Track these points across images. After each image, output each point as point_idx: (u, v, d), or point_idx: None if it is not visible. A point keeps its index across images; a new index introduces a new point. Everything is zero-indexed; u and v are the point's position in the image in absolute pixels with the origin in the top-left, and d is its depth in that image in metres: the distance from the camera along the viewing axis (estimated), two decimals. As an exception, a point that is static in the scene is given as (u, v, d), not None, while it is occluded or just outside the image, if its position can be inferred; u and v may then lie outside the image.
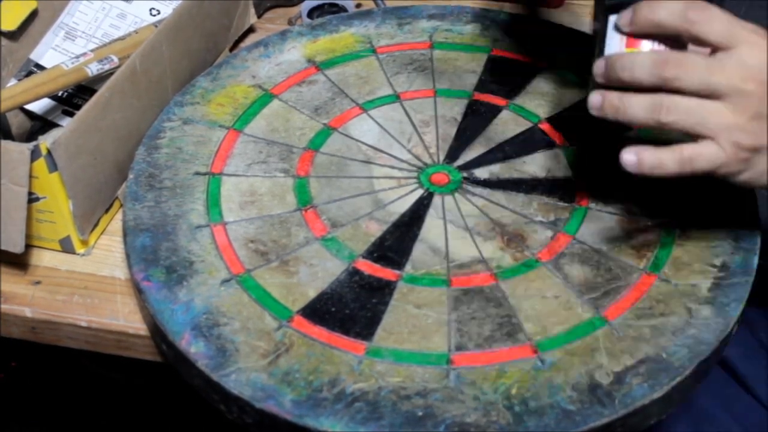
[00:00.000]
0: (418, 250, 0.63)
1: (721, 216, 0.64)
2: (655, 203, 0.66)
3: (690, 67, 0.50)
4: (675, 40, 0.53)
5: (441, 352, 0.56)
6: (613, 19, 0.54)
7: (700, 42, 0.51)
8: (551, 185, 0.68)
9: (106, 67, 0.71)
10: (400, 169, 0.70)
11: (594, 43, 0.56)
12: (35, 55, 0.78)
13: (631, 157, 0.52)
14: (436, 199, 0.67)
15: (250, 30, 0.89)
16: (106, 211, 0.69)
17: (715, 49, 0.51)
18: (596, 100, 0.54)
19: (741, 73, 0.50)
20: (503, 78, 0.78)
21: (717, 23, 0.50)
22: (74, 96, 0.77)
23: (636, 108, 0.52)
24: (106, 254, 0.68)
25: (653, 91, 0.51)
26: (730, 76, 0.50)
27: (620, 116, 0.52)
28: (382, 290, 0.60)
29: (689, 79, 0.50)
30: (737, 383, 0.74)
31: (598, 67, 0.53)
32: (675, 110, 0.51)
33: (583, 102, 0.56)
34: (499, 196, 0.67)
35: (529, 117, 0.74)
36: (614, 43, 0.54)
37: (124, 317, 0.63)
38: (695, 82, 0.50)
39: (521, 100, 0.76)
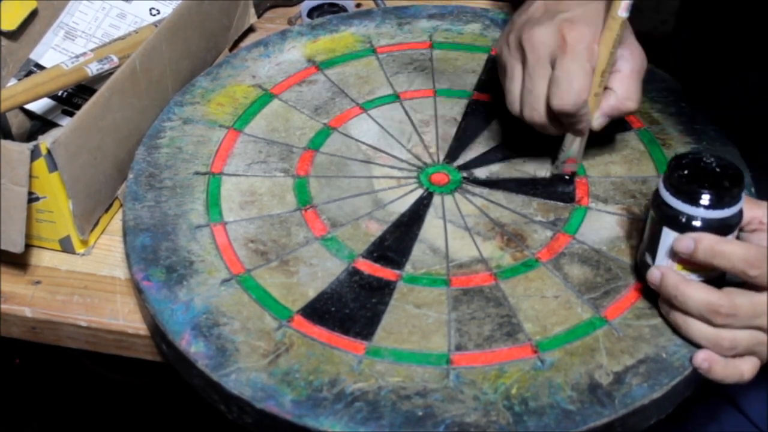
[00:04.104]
0: (418, 250, 0.63)
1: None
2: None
3: (738, 318, 0.53)
4: None
5: (441, 352, 0.56)
6: (670, 235, 0.55)
7: (752, 286, 0.54)
8: (551, 185, 0.68)
9: (106, 66, 0.71)
10: (400, 168, 0.70)
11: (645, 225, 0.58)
12: (35, 55, 0.78)
13: (704, 364, 0.55)
14: (436, 199, 0.67)
15: (250, 30, 0.89)
16: (106, 210, 0.69)
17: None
18: (664, 309, 0.57)
19: None
20: (503, 78, 0.78)
21: None
22: (74, 96, 0.77)
23: (694, 334, 0.55)
24: (106, 254, 0.68)
25: None
26: None
27: (680, 331, 0.56)
28: (382, 290, 0.60)
29: (737, 323, 0.53)
30: (725, 400, 0.74)
31: (653, 276, 0.56)
32: (730, 348, 0.54)
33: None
34: (498, 195, 0.67)
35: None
36: (664, 254, 0.56)
37: (123, 317, 0.63)
38: (742, 324, 0.54)
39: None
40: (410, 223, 0.65)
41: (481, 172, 0.70)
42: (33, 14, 0.77)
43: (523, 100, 0.63)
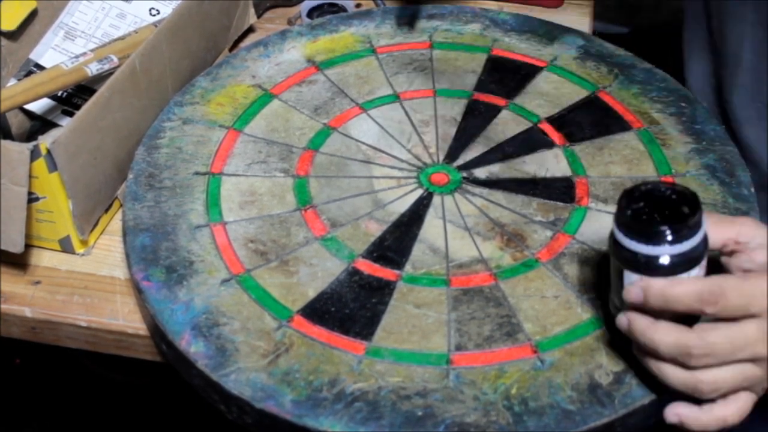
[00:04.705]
0: (418, 250, 0.63)
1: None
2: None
3: (716, 353, 0.48)
4: None
5: (441, 352, 0.56)
6: (631, 277, 0.50)
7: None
8: (551, 185, 0.68)
9: (106, 67, 0.71)
10: (400, 169, 0.70)
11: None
12: (35, 55, 0.78)
13: (674, 419, 0.51)
14: (436, 199, 0.67)
15: (250, 30, 0.89)
16: (106, 210, 0.69)
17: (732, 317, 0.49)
18: (636, 352, 0.52)
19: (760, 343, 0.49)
20: (503, 78, 0.78)
21: (732, 304, 0.48)
22: (74, 96, 0.77)
23: (671, 380, 0.50)
24: (106, 254, 0.68)
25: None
26: (754, 344, 0.49)
27: (656, 377, 0.51)
28: (382, 290, 0.60)
29: (715, 362, 0.49)
30: None
31: (621, 322, 0.51)
32: (712, 390, 0.49)
33: (583, 102, 0.56)
34: (498, 196, 0.67)
35: (529, 117, 0.74)
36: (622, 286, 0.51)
37: (123, 317, 0.63)
38: (721, 361, 0.49)
39: (521, 100, 0.76)
40: (410, 223, 0.65)
41: (481, 172, 0.70)
42: (33, 14, 0.77)
43: None
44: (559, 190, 0.68)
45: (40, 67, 0.77)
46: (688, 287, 0.48)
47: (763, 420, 0.67)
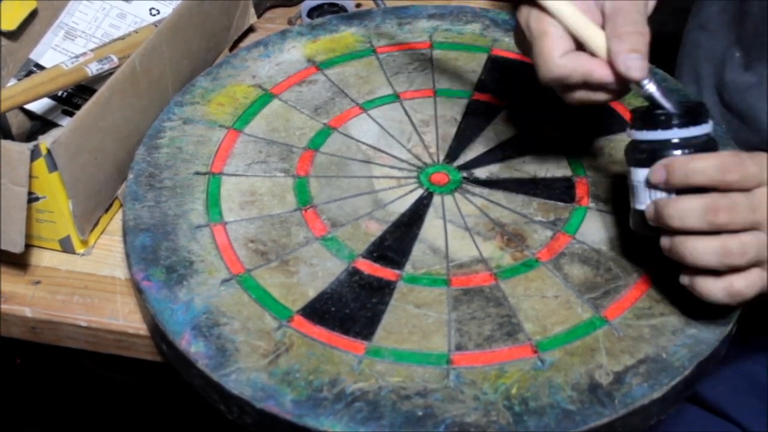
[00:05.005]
0: (418, 250, 0.63)
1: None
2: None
3: (738, 212, 0.51)
4: None
5: (441, 352, 0.56)
6: (642, 173, 0.54)
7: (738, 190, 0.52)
8: (551, 185, 0.68)
9: (106, 66, 0.71)
10: (400, 168, 0.70)
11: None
12: (35, 55, 0.78)
13: (686, 281, 0.54)
14: (436, 199, 0.67)
15: (250, 30, 0.89)
16: (106, 210, 0.69)
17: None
18: (665, 243, 0.54)
19: None
20: (503, 78, 0.78)
21: (751, 171, 0.52)
22: (74, 96, 0.77)
23: (703, 254, 0.52)
24: (106, 254, 0.68)
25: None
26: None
27: (688, 261, 0.53)
28: (382, 290, 0.60)
29: (738, 221, 0.52)
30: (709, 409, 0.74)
31: (649, 211, 0.54)
32: (741, 253, 0.52)
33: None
34: (498, 195, 0.67)
35: (529, 117, 0.74)
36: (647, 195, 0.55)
37: (123, 317, 0.63)
38: (742, 223, 0.52)
39: (521, 100, 0.76)
40: (410, 223, 0.65)
41: (481, 172, 0.70)
42: (33, 14, 0.77)
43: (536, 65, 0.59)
44: (560, 190, 0.68)
45: (40, 67, 0.77)
46: (708, 158, 0.52)
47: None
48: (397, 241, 0.64)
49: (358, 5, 0.92)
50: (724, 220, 0.51)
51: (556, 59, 0.55)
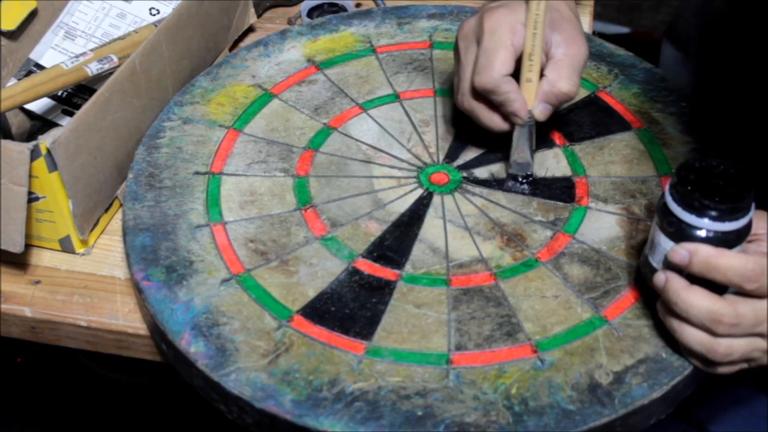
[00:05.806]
0: (418, 250, 0.63)
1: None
2: (655, 203, 0.65)
3: (740, 327, 0.51)
4: None
5: (441, 351, 0.56)
6: (666, 241, 0.54)
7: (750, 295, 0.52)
8: (551, 185, 0.68)
9: (106, 66, 0.71)
10: (400, 168, 0.70)
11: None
12: (35, 55, 0.78)
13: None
14: (436, 199, 0.67)
15: (250, 30, 0.89)
16: (106, 210, 0.69)
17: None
18: (660, 311, 0.55)
19: None
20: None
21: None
22: (74, 96, 0.77)
23: (688, 339, 0.53)
24: (106, 254, 0.68)
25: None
26: None
27: (675, 336, 0.54)
28: (382, 290, 0.60)
29: (736, 334, 0.52)
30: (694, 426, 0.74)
31: (658, 280, 0.54)
32: (724, 354, 0.52)
33: (583, 102, 0.56)
34: (498, 195, 0.67)
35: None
36: (662, 250, 0.54)
37: (123, 317, 0.63)
38: (740, 335, 0.52)
39: (521, 99, 0.76)
40: (410, 222, 0.65)
41: (481, 172, 0.70)
42: (33, 14, 0.77)
43: (456, 89, 0.66)
44: (559, 190, 0.68)
45: (40, 67, 0.77)
46: (733, 261, 0.51)
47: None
48: (396, 241, 0.64)
49: (358, 5, 0.92)
50: (723, 331, 0.51)
51: (503, 73, 0.62)
